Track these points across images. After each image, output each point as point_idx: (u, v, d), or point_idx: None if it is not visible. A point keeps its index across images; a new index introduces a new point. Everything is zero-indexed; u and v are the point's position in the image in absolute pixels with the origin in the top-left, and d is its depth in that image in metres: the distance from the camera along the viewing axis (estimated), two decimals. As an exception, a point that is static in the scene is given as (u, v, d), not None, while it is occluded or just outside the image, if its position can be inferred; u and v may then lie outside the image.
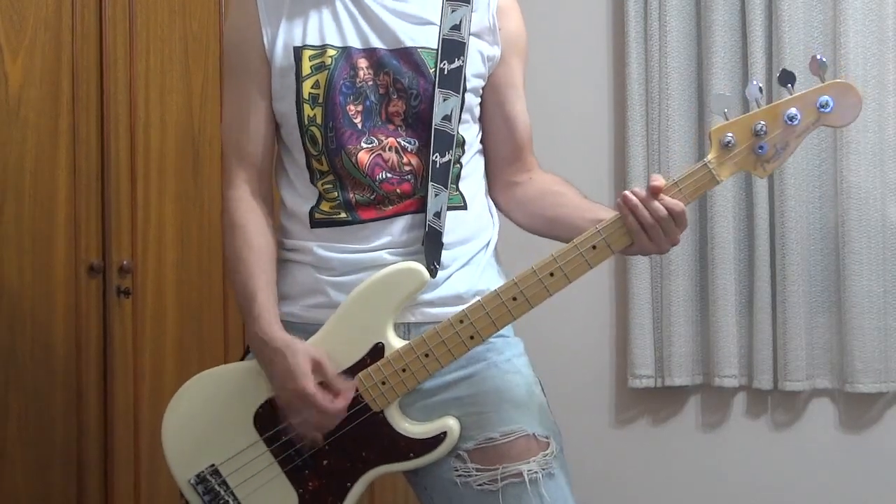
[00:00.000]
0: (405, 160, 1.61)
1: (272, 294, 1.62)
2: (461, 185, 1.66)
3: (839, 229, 2.80)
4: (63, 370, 2.28)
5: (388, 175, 1.60)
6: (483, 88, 1.69)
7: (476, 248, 1.66)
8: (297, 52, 1.62)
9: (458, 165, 1.65)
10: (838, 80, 1.54)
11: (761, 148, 1.53)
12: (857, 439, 2.87)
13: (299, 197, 1.66)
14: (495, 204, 1.75)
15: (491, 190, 1.75)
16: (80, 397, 2.30)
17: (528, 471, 1.58)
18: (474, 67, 1.65)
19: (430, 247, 1.59)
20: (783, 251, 2.82)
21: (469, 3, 1.65)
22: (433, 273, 1.58)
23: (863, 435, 2.87)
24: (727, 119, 1.53)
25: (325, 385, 1.55)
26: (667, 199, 1.51)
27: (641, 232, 1.52)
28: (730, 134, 1.52)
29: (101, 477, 2.34)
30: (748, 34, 2.85)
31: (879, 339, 2.77)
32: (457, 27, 1.63)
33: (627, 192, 1.52)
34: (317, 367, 1.55)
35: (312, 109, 1.61)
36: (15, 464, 2.19)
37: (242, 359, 1.72)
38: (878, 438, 2.86)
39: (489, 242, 1.70)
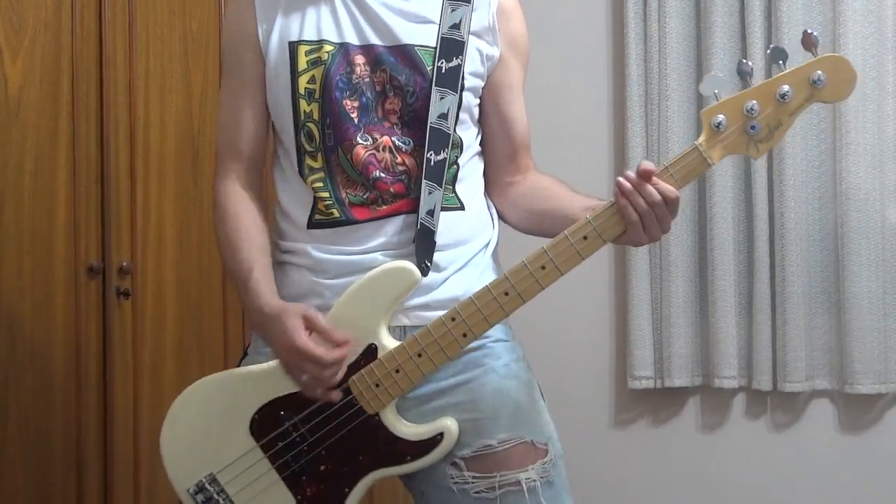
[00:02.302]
0: (399, 160, 1.60)
1: (267, 268, 1.62)
2: (458, 187, 1.65)
3: (838, 230, 2.79)
4: (63, 371, 2.28)
5: (382, 174, 1.59)
6: (482, 89, 1.68)
7: (474, 250, 1.65)
8: (293, 46, 1.61)
9: (455, 167, 1.64)
10: (831, 54, 1.51)
11: (753, 128, 1.50)
12: (857, 440, 2.87)
13: (296, 200, 1.65)
14: (492, 205, 1.74)
15: (488, 191, 1.74)
16: (79, 398, 2.30)
17: (527, 479, 1.57)
18: (473, 67, 1.64)
19: (422, 245, 1.57)
20: (782, 252, 2.82)
21: (469, 2, 1.64)
22: (424, 272, 1.57)
23: (862, 436, 2.87)
24: (718, 100, 1.50)
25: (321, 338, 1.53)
26: (661, 183, 1.49)
27: (637, 220, 1.50)
28: (720, 115, 1.49)
29: (101, 477, 2.34)
30: (747, 35, 2.85)
31: (879, 340, 2.77)
32: (456, 26, 1.62)
33: (621, 178, 1.50)
34: (308, 321, 1.53)
35: (309, 105, 1.61)
36: (15, 464, 2.20)
37: (240, 361, 1.72)
38: (878, 439, 2.86)
39: (488, 244, 1.68)
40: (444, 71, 1.60)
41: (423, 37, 1.62)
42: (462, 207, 1.65)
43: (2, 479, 2.18)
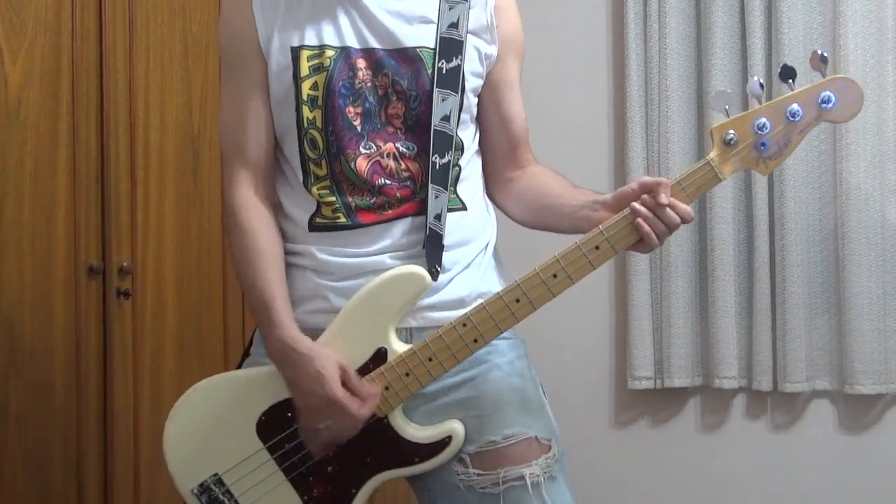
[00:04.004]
0: (403, 166, 1.60)
1: (287, 298, 1.61)
2: (460, 187, 1.65)
3: (838, 231, 2.80)
4: (63, 371, 2.28)
5: (387, 181, 1.59)
6: (481, 87, 1.68)
7: (476, 250, 1.66)
8: (295, 52, 1.60)
9: (457, 168, 1.64)
10: (840, 76, 1.54)
11: (763, 145, 1.53)
12: (857, 440, 2.87)
13: (297, 203, 1.64)
14: (493, 201, 1.74)
15: (488, 188, 1.74)
16: (79, 398, 2.30)
17: (530, 474, 1.58)
18: (472, 66, 1.64)
19: (431, 249, 1.58)
20: (783, 253, 2.82)
21: (466, 0, 1.64)
22: (434, 276, 1.57)
23: (862, 436, 2.87)
24: (728, 116, 1.53)
25: (350, 391, 1.54)
26: (679, 205, 1.52)
27: (657, 241, 1.53)
28: (731, 131, 1.52)
29: (101, 477, 2.34)
30: (748, 36, 2.85)
31: (879, 341, 2.77)
32: (454, 25, 1.62)
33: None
34: (343, 372, 1.54)
35: (311, 112, 1.60)
36: (15, 464, 2.20)
37: (241, 362, 1.72)
38: (878, 440, 2.86)
39: (488, 244, 1.69)
40: (444, 72, 1.60)
41: (423, 38, 1.61)
42: (464, 208, 1.65)
43: (2, 479, 2.18)
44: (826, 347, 2.86)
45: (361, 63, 1.60)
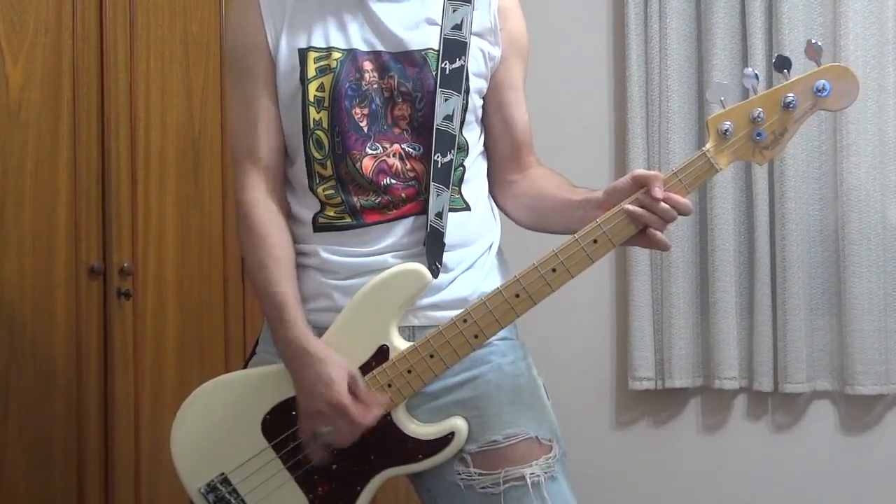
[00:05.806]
0: (409, 166, 1.61)
1: (299, 300, 1.61)
2: (464, 188, 1.65)
3: (839, 231, 2.80)
4: (63, 372, 2.28)
5: (393, 181, 1.60)
6: (486, 89, 1.69)
7: (480, 251, 1.66)
8: (303, 53, 1.61)
9: (462, 168, 1.65)
10: (835, 64, 1.55)
11: (759, 135, 1.54)
12: (858, 441, 2.87)
13: (303, 203, 1.65)
14: (496, 203, 1.75)
15: (491, 189, 1.75)
16: (80, 399, 2.31)
17: (531, 474, 1.59)
18: (476, 67, 1.65)
19: (432, 247, 1.58)
20: (783, 253, 2.82)
21: (470, 2, 1.65)
22: (435, 273, 1.58)
23: (863, 437, 2.87)
24: (724, 107, 1.54)
25: (356, 398, 1.55)
26: (674, 197, 1.52)
27: (662, 239, 1.54)
28: (727, 122, 1.53)
29: (102, 478, 2.34)
30: (748, 36, 2.85)
31: (880, 341, 2.77)
32: (458, 27, 1.63)
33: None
34: (351, 380, 1.55)
35: (318, 113, 1.61)
36: (15, 464, 2.20)
37: (250, 357, 1.72)
38: (879, 440, 2.86)
39: (492, 244, 1.69)
40: (447, 72, 1.61)
41: (427, 39, 1.62)
42: (468, 208, 1.66)
43: (2, 479, 2.18)
44: (827, 348, 2.86)
45: (368, 65, 1.61)
